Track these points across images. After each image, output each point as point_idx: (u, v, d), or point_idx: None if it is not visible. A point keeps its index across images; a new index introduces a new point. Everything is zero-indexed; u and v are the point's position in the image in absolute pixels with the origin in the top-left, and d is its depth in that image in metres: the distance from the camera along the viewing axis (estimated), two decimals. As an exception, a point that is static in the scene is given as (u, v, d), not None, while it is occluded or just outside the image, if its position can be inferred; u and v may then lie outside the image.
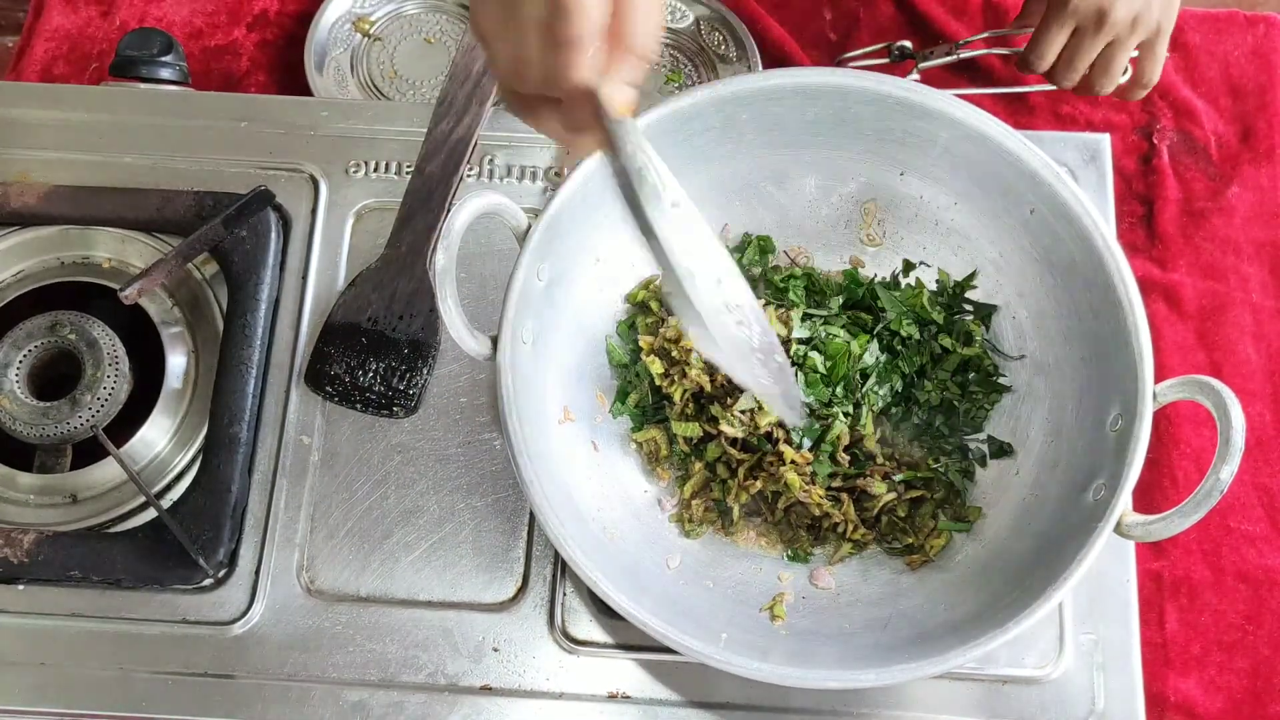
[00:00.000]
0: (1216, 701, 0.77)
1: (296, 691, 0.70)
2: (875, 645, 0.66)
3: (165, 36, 0.88)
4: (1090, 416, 0.68)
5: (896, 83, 0.70)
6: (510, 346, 0.65)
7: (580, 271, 0.74)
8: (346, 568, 0.73)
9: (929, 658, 0.60)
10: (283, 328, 0.78)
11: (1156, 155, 0.92)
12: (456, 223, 0.63)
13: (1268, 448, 0.83)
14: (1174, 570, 0.80)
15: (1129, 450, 0.63)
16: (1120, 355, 0.66)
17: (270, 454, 0.75)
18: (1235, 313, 0.87)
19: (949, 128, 0.71)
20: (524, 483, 0.63)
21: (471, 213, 0.64)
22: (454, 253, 0.63)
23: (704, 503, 0.73)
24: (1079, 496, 0.66)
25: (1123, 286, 0.66)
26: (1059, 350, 0.72)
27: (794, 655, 0.64)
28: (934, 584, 0.70)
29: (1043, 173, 0.69)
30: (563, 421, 0.72)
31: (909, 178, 0.75)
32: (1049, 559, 0.63)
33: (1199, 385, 0.62)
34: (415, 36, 0.98)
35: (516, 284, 0.66)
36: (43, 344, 0.76)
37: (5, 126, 0.84)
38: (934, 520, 0.72)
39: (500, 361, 0.65)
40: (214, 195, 0.80)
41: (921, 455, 0.74)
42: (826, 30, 0.99)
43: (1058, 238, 0.70)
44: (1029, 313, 0.74)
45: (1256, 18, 0.97)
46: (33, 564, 0.71)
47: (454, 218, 0.63)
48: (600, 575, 0.61)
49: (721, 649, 0.61)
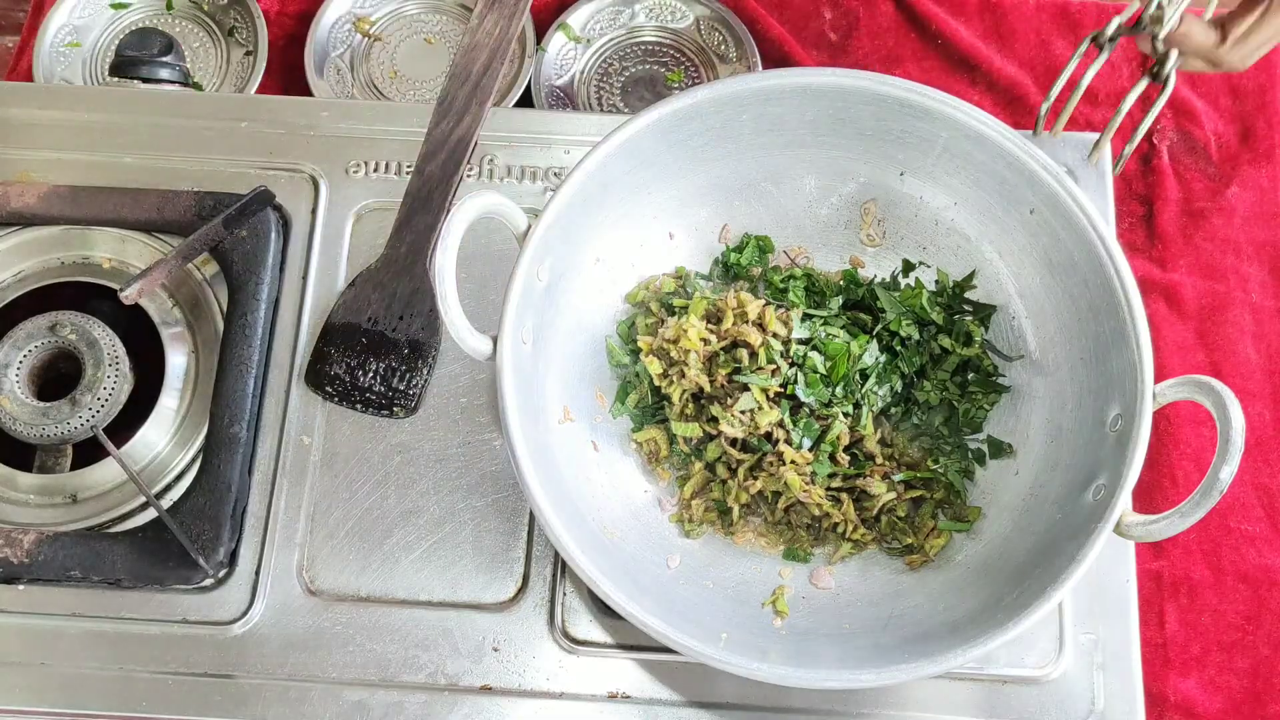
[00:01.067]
0: (1216, 701, 0.77)
1: (296, 691, 0.70)
2: (875, 645, 0.66)
3: (165, 36, 0.88)
4: (1090, 416, 0.68)
5: (897, 83, 0.70)
6: (511, 346, 0.65)
7: (580, 272, 0.74)
8: (347, 568, 0.73)
9: (929, 658, 0.60)
10: (283, 328, 0.78)
11: (1156, 155, 0.92)
12: (456, 222, 0.63)
13: (1267, 448, 0.83)
14: (1174, 570, 0.80)
15: (1129, 450, 0.63)
16: (1120, 355, 0.66)
17: (270, 454, 0.75)
18: (1235, 313, 0.87)
19: (949, 128, 0.71)
20: (524, 482, 0.63)
21: (472, 212, 0.64)
22: (454, 252, 0.63)
23: (704, 503, 0.73)
24: (1079, 496, 0.66)
25: (1122, 286, 0.66)
26: (1059, 350, 0.72)
27: (793, 655, 0.64)
28: (934, 584, 0.70)
29: (1042, 173, 0.69)
30: (563, 421, 0.72)
31: (909, 178, 0.75)
32: (1049, 559, 0.63)
33: (1199, 385, 0.62)
34: (415, 36, 0.98)
35: (517, 284, 0.66)
36: (43, 344, 0.76)
37: (5, 126, 0.84)
38: (934, 520, 0.72)
39: (501, 361, 0.65)
40: (214, 195, 0.80)
41: (921, 455, 0.74)
42: (826, 30, 0.99)
43: (1057, 238, 0.70)
44: (1029, 313, 0.74)
45: (1256, 18, 0.97)
46: (33, 564, 0.71)
47: (454, 217, 0.63)
48: (600, 575, 0.61)
49: (721, 649, 0.61)
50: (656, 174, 0.74)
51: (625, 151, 0.70)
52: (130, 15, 0.99)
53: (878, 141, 0.74)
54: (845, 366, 0.72)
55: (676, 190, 0.76)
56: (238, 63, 0.97)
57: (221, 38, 0.98)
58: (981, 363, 0.75)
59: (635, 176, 0.73)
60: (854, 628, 0.68)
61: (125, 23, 0.99)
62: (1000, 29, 0.98)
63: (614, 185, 0.72)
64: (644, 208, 0.75)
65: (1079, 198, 0.68)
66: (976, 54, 0.96)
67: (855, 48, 0.98)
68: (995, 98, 0.96)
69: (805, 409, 0.72)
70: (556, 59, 0.97)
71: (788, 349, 0.73)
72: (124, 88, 0.87)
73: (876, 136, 0.73)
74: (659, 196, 0.75)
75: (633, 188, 0.73)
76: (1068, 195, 0.68)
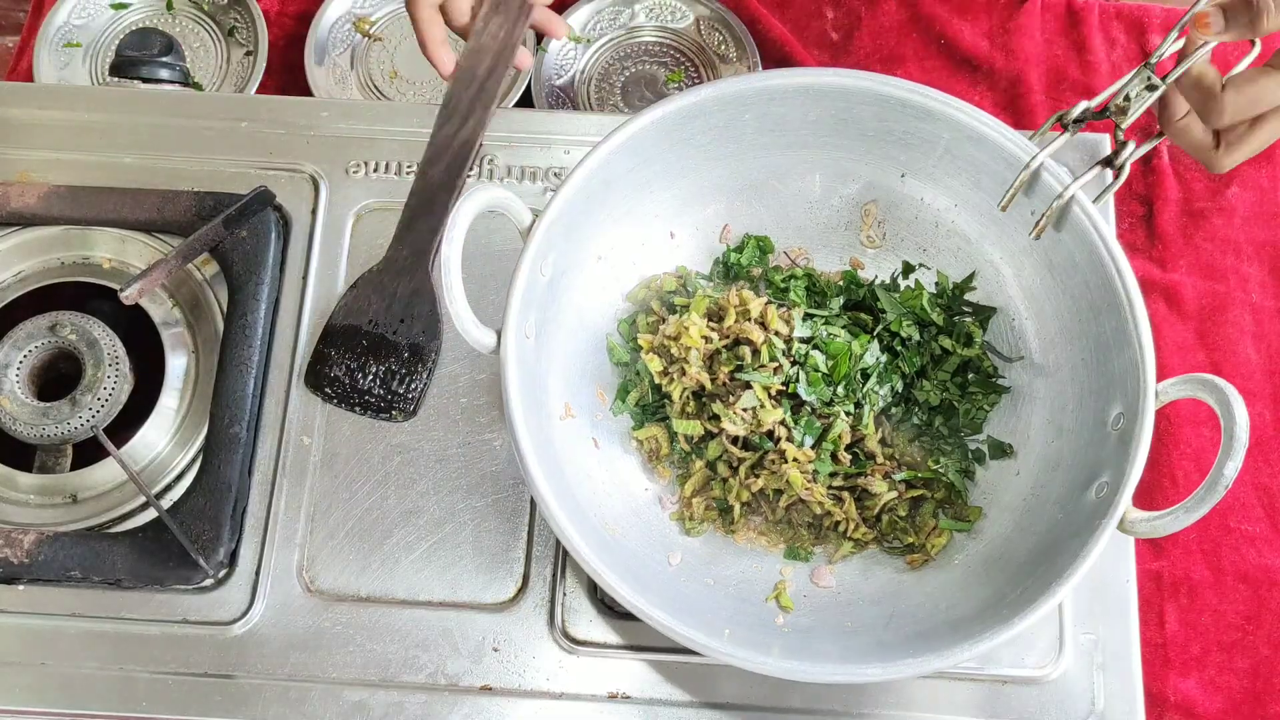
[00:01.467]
0: (1216, 701, 0.77)
1: (296, 691, 0.70)
2: (878, 643, 0.66)
3: (165, 36, 0.88)
4: (1091, 416, 0.68)
5: (899, 83, 0.70)
6: (515, 339, 0.65)
7: (582, 269, 0.74)
8: (347, 568, 0.73)
9: (934, 652, 0.60)
10: (283, 328, 0.78)
11: (1156, 155, 0.92)
12: (462, 215, 0.63)
13: (1268, 448, 0.83)
14: (1174, 570, 0.80)
15: (1131, 448, 0.63)
16: (1122, 354, 0.66)
17: (270, 454, 0.75)
18: (1235, 313, 0.87)
19: (951, 129, 0.71)
20: (529, 476, 0.63)
21: (477, 206, 0.64)
22: (460, 244, 0.63)
23: (704, 501, 0.73)
24: (1081, 495, 0.66)
25: (1123, 285, 0.66)
26: (1060, 351, 0.72)
27: (796, 651, 0.64)
28: (936, 582, 0.70)
29: (1044, 175, 0.69)
30: (564, 418, 0.72)
31: (910, 179, 0.75)
32: (1051, 557, 0.63)
33: (1201, 383, 0.62)
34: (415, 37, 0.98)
35: (520, 278, 0.66)
36: (43, 344, 0.76)
37: (5, 126, 0.84)
38: (935, 519, 0.72)
39: (505, 353, 0.65)
40: (214, 195, 0.80)
41: (921, 456, 0.74)
42: (828, 29, 0.99)
43: (1058, 239, 0.70)
44: (1030, 314, 0.74)
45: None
46: (33, 564, 0.71)
47: (460, 210, 0.63)
48: (604, 569, 0.61)
49: (726, 642, 0.61)
50: (659, 172, 0.74)
51: (628, 149, 0.70)
52: (130, 15, 0.99)
53: (880, 142, 0.74)
54: (847, 366, 0.72)
55: (678, 189, 0.76)
56: (238, 63, 0.97)
57: (221, 38, 0.98)
58: (982, 364, 0.75)
59: (638, 174, 0.73)
60: (856, 625, 0.68)
61: (125, 23, 0.99)
62: (1003, 29, 0.98)
63: (617, 183, 0.72)
64: (646, 206, 0.75)
65: (1080, 199, 0.68)
66: (979, 54, 0.96)
67: (857, 47, 0.98)
68: (997, 98, 0.95)
69: (807, 407, 0.72)
70: (556, 59, 0.97)
71: (789, 347, 0.73)
72: (124, 88, 0.87)
73: (878, 137, 0.73)
74: (661, 195, 0.75)
75: (635, 186, 0.73)
76: (1069, 196, 0.68)
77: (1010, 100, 0.95)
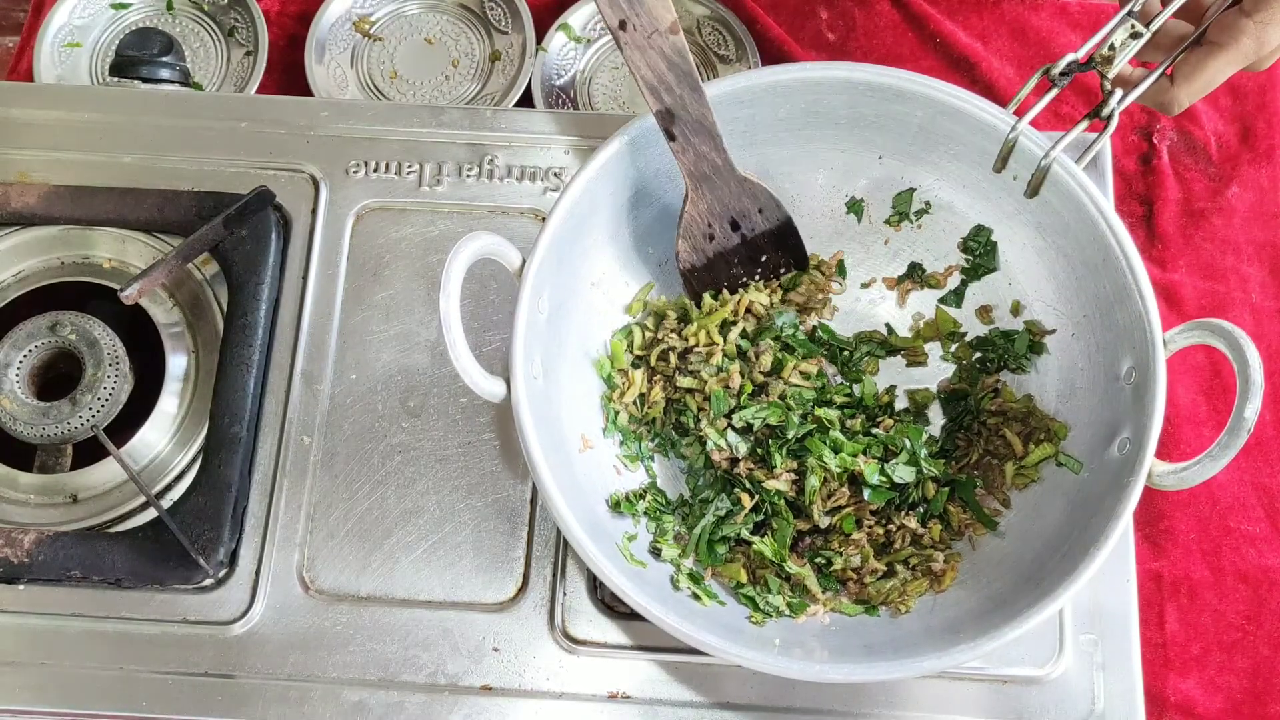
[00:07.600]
0: (1216, 701, 0.77)
1: (296, 691, 0.70)
2: (890, 640, 0.66)
3: (165, 36, 0.88)
4: (1102, 373, 0.69)
5: (867, 68, 0.71)
6: (524, 384, 0.64)
7: (579, 298, 0.73)
8: (347, 568, 0.73)
9: (937, 652, 0.60)
10: (283, 328, 0.78)
11: (1156, 155, 0.92)
12: (455, 270, 0.62)
13: (1268, 448, 0.83)
14: (1174, 570, 0.80)
15: (1148, 399, 0.63)
16: (1125, 309, 0.66)
17: (270, 454, 0.75)
18: (1235, 313, 0.87)
19: (924, 107, 0.71)
20: (563, 523, 0.62)
21: (468, 260, 0.63)
22: (457, 299, 0.62)
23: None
24: (1104, 452, 0.66)
25: (1116, 241, 0.66)
26: (1061, 310, 0.72)
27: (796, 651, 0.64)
28: (966, 565, 0.70)
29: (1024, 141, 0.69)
30: (583, 450, 0.71)
31: (888, 160, 0.75)
32: (1085, 518, 0.64)
33: (1210, 329, 0.62)
34: (415, 36, 0.98)
35: (521, 320, 0.65)
36: (43, 344, 0.76)
37: (5, 126, 0.84)
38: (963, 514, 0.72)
39: (517, 401, 0.64)
40: (214, 195, 0.80)
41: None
42: (824, 30, 0.99)
43: (1044, 201, 0.70)
44: (1025, 276, 0.74)
45: (1256, 18, 0.97)
46: (33, 564, 0.71)
47: (452, 266, 0.62)
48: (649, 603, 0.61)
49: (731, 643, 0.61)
50: (638, 195, 0.74)
51: (605, 173, 0.70)
52: (130, 15, 0.99)
53: (853, 128, 0.74)
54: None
55: (659, 209, 0.75)
56: (238, 63, 0.97)
57: (221, 38, 0.98)
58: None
59: (619, 198, 0.73)
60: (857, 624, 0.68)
61: (125, 23, 0.99)
62: (998, 29, 0.98)
63: (600, 208, 0.72)
64: (632, 227, 0.75)
65: (1063, 161, 0.68)
66: (974, 54, 0.96)
67: (853, 48, 0.98)
68: (993, 98, 0.95)
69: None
70: (557, 59, 0.97)
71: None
72: (124, 88, 0.87)
73: (850, 124, 0.73)
74: (645, 215, 0.75)
75: (618, 209, 0.73)
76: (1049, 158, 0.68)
77: (1007, 99, 0.95)
